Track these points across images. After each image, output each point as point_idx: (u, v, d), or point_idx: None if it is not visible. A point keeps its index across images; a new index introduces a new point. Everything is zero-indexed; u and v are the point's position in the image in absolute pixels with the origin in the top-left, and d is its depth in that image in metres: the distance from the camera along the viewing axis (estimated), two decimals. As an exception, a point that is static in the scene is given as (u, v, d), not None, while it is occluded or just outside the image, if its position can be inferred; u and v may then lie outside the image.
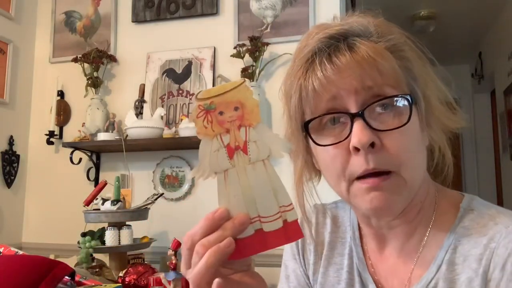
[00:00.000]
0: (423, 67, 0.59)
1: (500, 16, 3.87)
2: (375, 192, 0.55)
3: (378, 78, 0.53)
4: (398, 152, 0.54)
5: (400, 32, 0.59)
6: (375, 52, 0.54)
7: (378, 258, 0.66)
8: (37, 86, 2.49)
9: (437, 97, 0.61)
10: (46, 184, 2.39)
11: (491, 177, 4.67)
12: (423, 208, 0.62)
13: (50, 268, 1.05)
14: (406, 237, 0.63)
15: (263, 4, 2.16)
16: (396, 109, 0.55)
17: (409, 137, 0.55)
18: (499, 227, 0.57)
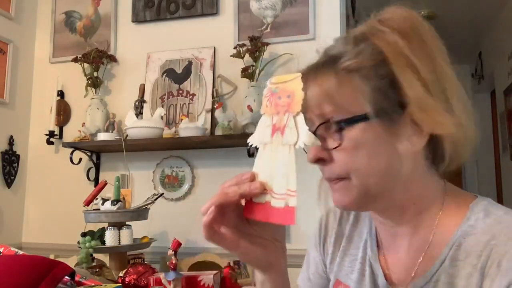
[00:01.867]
0: (410, 72, 0.60)
1: (500, 16, 3.87)
2: (333, 192, 0.66)
3: (327, 106, 0.62)
4: (343, 165, 0.63)
5: (387, 42, 0.62)
6: (323, 83, 0.62)
7: (389, 251, 0.71)
8: (37, 86, 2.49)
9: (439, 98, 0.62)
10: (46, 184, 2.39)
11: (491, 177, 4.67)
12: (424, 207, 0.66)
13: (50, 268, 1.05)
14: (412, 234, 0.67)
15: (263, 4, 2.16)
16: (337, 132, 0.62)
17: (356, 152, 0.62)
18: (502, 226, 0.60)
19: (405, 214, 0.67)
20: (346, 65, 0.62)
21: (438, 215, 0.66)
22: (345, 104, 0.62)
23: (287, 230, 1.99)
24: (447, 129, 0.61)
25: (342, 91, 0.62)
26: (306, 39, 2.08)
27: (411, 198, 0.66)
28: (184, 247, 1.92)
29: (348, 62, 0.62)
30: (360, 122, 0.61)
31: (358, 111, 0.61)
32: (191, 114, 2.16)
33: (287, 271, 0.67)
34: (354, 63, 0.62)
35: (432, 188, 0.67)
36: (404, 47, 0.61)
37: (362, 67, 0.61)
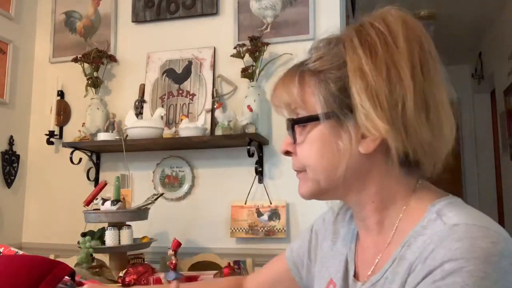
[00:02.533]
0: (365, 81, 0.63)
1: (500, 16, 3.87)
2: (299, 181, 0.74)
3: (291, 106, 0.70)
4: (300, 159, 0.71)
5: (350, 47, 0.65)
6: (288, 84, 0.69)
7: (362, 247, 0.75)
8: (37, 86, 2.49)
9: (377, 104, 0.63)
10: (46, 184, 2.39)
11: (491, 177, 4.67)
12: (384, 208, 0.69)
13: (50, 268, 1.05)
14: (377, 231, 0.71)
15: (263, 4, 2.16)
16: (296, 128, 0.70)
17: (310, 149, 0.69)
18: (442, 228, 0.60)
19: (364, 209, 0.71)
20: (308, 68, 0.69)
21: (399, 216, 0.67)
22: (303, 104, 0.68)
23: (286, 230, 2.00)
24: (377, 135, 0.63)
25: (302, 92, 0.68)
26: (306, 39, 2.08)
27: (369, 196, 0.69)
28: (184, 247, 1.92)
29: (310, 65, 0.68)
30: (311, 122, 0.68)
31: (312, 111, 0.67)
32: (191, 114, 2.16)
33: None
34: (314, 65, 0.68)
35: (395, 188, 0.68)
36: (360, 52, 0.64)
37: (320, 70, 0.67)
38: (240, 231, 2.04)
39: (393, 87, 0.62)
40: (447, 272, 0.54)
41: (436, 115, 0.64)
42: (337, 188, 0.70)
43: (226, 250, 2.05)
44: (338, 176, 0.67)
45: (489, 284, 0.53)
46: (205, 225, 2.13)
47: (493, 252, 0.54)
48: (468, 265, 0.54)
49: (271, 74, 2.12)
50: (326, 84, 0.66)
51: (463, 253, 0.55)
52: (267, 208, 2.02)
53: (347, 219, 0.82)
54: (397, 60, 0.63)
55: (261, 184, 2.07)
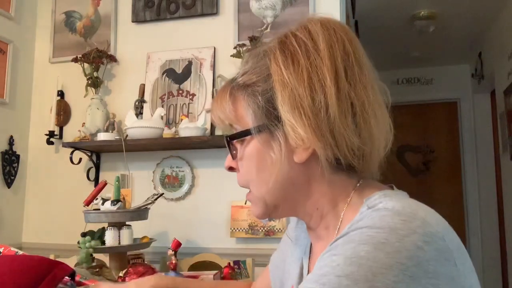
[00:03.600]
0: (287, 92, 0.63)
1: (500, 16, 3.87)
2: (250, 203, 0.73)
3: (226, 122, 0.70)
4: (241, 175, 0.71)
5: (274, 59, 0.66)
6: (221, 101, 0.70)
7: (313, 254, 0.76)
8: (37, 86, 2.49)
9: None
10: (46, 184, 2.39)
11: (491, 177, 4.67)
12: (327, 211, 0.69)
13: (50, 268, 1.05)
14: (326, 236, 0.70)
15: (263, 4, 2.16)
16: (227, 145, 0.70)
17: (248, 163, 0.69)
18: (368, 217, 0.58)
19: (312, 219, 0.70)
20: (236, 83, 0.69)
21: (341, 216, 0.68)
22: (236, 120, 0.69)
23: (285, 229, 1.99)
24: (301, 144, 0.63)
25: (233, 108, 0.69)
26: (306, 39, 2.07)
27: (313, 204, 0.69)
28: (184, 247, 1.92)
29: (238, 80, 0.69)
30: (246, 136, 0.68)
31: (244, 126, 0.68)
32: (191, 114, 2.16)
33: None
34: (241, 80, 0.68)
35: (335, 190, 0.68)
36: (280, 63, 0.64)
37: (248, 84, 0.67)
38: (240, 231, 2.04)
39: (315, 95, 0.62)
40: (349, 236, 0.55)
41: (363, 118, 0.64)
42: (284, 203, 0.69)
43: (226, 250, 2.05)
44: (277, 188, 0.67)
45: (390, 250, 0.51)
46: (205, 225, 2.13)
47: (400, 227, 0.53)
48: (370, 231, 0.54)
49: (271, 74, 2.11)
50: (254, 97, 0.66)
51: (369, 224, 0.55)
52: (267, 208, 2.02)
53: (304, 228, 0.82)
54: (319, 67, 0.63)
55: (261, 184, 2.07)
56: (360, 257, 0.52)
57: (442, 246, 0.54)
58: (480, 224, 4.56)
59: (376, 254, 0.51)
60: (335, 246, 0.56)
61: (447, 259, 0.53)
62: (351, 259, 0.52)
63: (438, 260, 0.52)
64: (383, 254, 0.51)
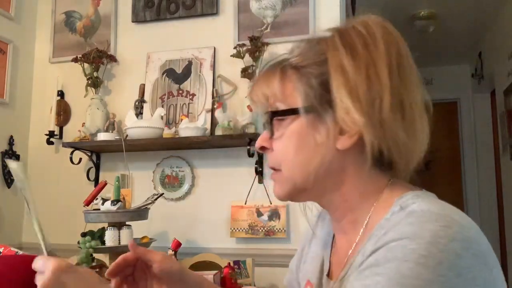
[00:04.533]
0: (345, 77, 0.65)
1: (500, 16, 3.87)
2: (273, 182, 0.73)
3: (270, 99, 0.70)
4: (276, 155, 0.70)
5: (332, 45, 0.67)
6: (269, 77, 0.70)
7: (336, 249, 0.76)
8: (37, 86, 2.49)
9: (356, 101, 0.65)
10: (46, 184, 2.39)
11: (491, 177, 4.67)
12: (356, 205, 0.69)
13: (50, 268, 1.05)
14: (351, 231, 0.71)
15: (263, 4, 2.16)
16: (274, 122, 0.69)
17: (287, 143, 0.68)
18: (400, 219, 0.60)
19: (339, 209, 0.71)
20: (289, 62, 0.70)
21: (369, 213, 0.68)
22: (284, 98, 0.68)
23: (286, 230, 2.00)
24: (356, 129, 0.64)
25: (283, 86, 0.68)
26: (306, 39, 2.07)
27: (342, 195, 0.69)
28: (184, 247, 1.93)
29: (292, 60, 0.70)
30: (290, 115, 0.68)
31: (292, 105, 0.68)
32: (191, 114, 2.16)
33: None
34: (296, 60, 0.69)
35: (367, 186, 0.69)
36: (341, 50, 0.66)
37: (302, 65, 0.68)
38: (240, 231, 2.04)
39: (371, 85, 0.64)
40: (390, 249, 0.55)
41: (410, 116, 0.66)
42: (313, 187, 0.69)
43: (226, 250, 2.05)
44: (312, 172, 0.67)
45: (430, 264, 0.52)
46: (205, 225, 2.13)
47: (441, 234, 0.54)
48: (412, 243, 0.54)
49: (271, 74, 2.11)
50: (307, 78, 0.67)
51: (410, 233, 0.55)
52: (267, 208, 2.02)
53: (326, 222, 0.83)
54: (376, 60, 0.65)
55: (261, 184, 2.07)
56: (404, 276, 0.53)
57: (478, 251, 0.55)
58: (480, 224, 4.53)
59: (418, 270, 0.52)
60: (376, 262, 0.56)
61: (484, 264, 0.55)
62: (395, 280, 0.53)
63: (476, 266, 0.54)
64: (425, 269, 0.52)
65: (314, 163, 0.67)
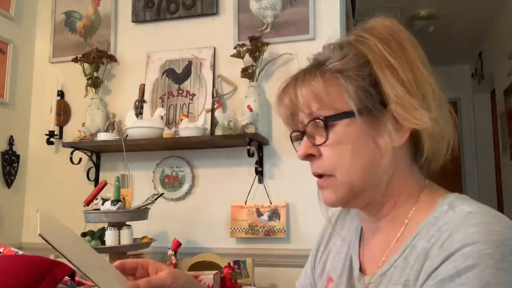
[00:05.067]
0: (390, 73, 0.66)
1: (500, 16, 3.87)
2: (321, 190, 0.72)
3: (314, 105, 0.68)
4: (329, 160, 0.68)
5: (369, 46, 0.68)
6: (310, 82, 0.68)
7: (368, 246, 0.76)
8: (37, 86, 2.49)
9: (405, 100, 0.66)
10: (46, 184, 2.39)
11: (491, 177, 4.67)
12: (400, 202, 0.70)
13: (50, 268, 1.05)
14: (389, 229, 0.71)
15: (263, 4, 2.16)
16: (323, 128, 0.68)
17: (342, 147, 0.67)
18: (456, 215, 0.62)
19: (383, 208, 0.71)
20: (331, 67, 0.68)
21: (411, 210, 0.69)
22: (331, 102, 0.67)
23: (286, 230, 2.00)
24: (424, 124, 0.65)
25: (327, 90, 0.67)
26: (306, 39, 2.08)
27: (391, 193, 0.70)
28: (184, 247, 1.93)
29: (333, 64, 0.68)
30: (344, 119, 0.67)
31: (342, 108, 0.67)
32: (191, 114, 2.15)
33: None
34: (338, 65, 0.68)
35: (410, 185, 0.70)
36: (384, 51, 0.66)
37: (346, 69, 0.67)
38: (240, 231, 2.04)
39: (418, 80, 0.66)
40: (467, 255, 0.56)
41: (444, 112, 0.68)
42: (371, 189, 0.69)
43: (226, 250, 2.05)
44: (371, 172, 0.67)
45: (506, 267, 0.55)
46: (205, 225, 2.13)
47: (507, 236, 0.57)
48: (486, 248, 0.56)
49: (271, 74, 2.12)
50: (355, 81, 0.66)
51: (481, 237, 0.57)
52: (267, 208, 2.02)
53: (347, 222, 0.84)
54: (412, 57, 0.67)
55: (261, 184, 2.07)
56: (488, 283, 0.55)
57: None
58: (480, 224, 4.56)
59: (498, 275, 0.55)
60: (457, 273, 0.56)
61: None
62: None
63: None
64: (504, 273, 0.55)
65: (373, 164, 0.67)
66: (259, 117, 2.02)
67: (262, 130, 2.02)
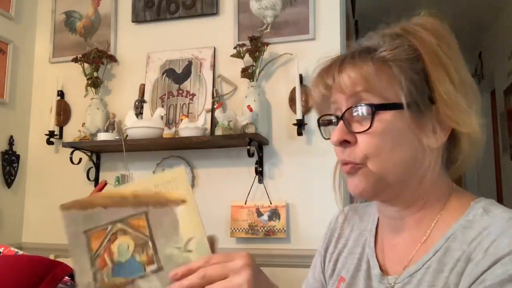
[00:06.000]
0: (442, 70, 0.65)
1: (500, 16, 3.88)
2: (350, 177, 0.68)
3: (362, 90, 0.65)
4: (364, 149, 0.65)
5: (422, 40, 0.67)
6: (362, 67, 0.66)
7: (390, 246, 0.74)
8: (37, 86, 2.49)
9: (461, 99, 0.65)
10: (46, 184, 2.39)
11: (491, 177, 4.67)
12: (429, 203, 0.69)
13: (50, 268, 1.05)
14: (414, 228, 0.70)
15: (263, 4, 2.16)
16: (369, 115, 0.65)
17: (383, 137, 0.65)
18: (497, 220, 0.62)
19: (411, 207, 0.70)
20: (384, 55, 0.66)
21: (439, 213, 0.68)
22: (381, 90, 0.65)
23: (286, 230, 2.00)
24: (470, 127, 0.64)
25: (379, 78, 0.65)
26: (306, 39, 2.08)
27: (421, 193, 0.68)
28: (184, 247, 1.92)
29: (386, 52, 0.66)
30: (392, 110, 0.64)
31: (392, 99, 0.65)
32: (191, 114, 2.16)
33: None
34: (391, 54, 0.66)
35: (440, 186, 0.69)
36: (437, 48, 0.65)
37: (398, 59, 0.65)
38: (240, 231, 2.04)
39: (466, 84, 0.66)
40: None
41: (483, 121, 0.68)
42: (402, 184, 0.67)
43: (226, 250, 2.04)
44: (406, 168, 0.66)
45: None
46: (205, 225, 2.12)
47: None
48: None
49: (271, 74, 2.12)
50: (408, 74, 0.65)
51: None
52: (267, 208, 2.02)
53: (356, 222, 0.83)
54: (459, 60, 0.67)
55: (261, 184, 2.07)
56: None
57: None
58: (480, 224, 4.56)
59: None
60: (508, 277, 0.55)
61: None
62: None
63: None
64: None
65: (411, 160, 0.66)
66: (259, 117, 2.02)
67: (262, 130, 2.02)
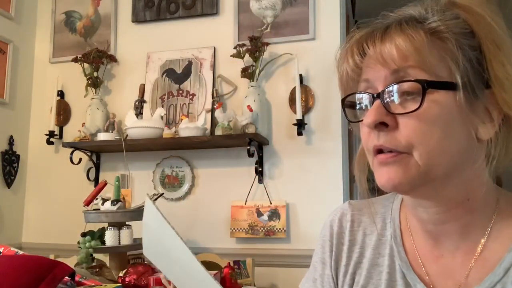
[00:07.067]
0: (500, 51, 0.55)
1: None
2: (384, 167, 0.56)
3: (412, 62, 0.54)
4: (409, 135, 0.54)
5: (477, 14, 0.57)
6: (418, 40, 0.54)
7: (429, 257, 0.63)
8: (37, 86, 2.49)
9: None
10: (46, 184, 2.39)
11: (491, 177, 4.67)
12: (476, 206, 0.59)
13: (50, 268, 1.05)
14: (461, 236, 0.60)
15: (263, 4, 2.16)
16: (418, 93, 0.54)
17: (433, 122, 0.54)
18: None
19: (455, 209, 0.59)
20: (435, 26, 0.55)
21: (492, 218, 0.59)
22: (433, 65, 0.54)
23: (286, 230, 1.99)
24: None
25: (432, 51, 0.54)
26: (306, 39, 2.08)
27: (467, 193, 0.58)
28: (184, 247, 1.92)
29: (437, 23, 0.55)
30: (446, 90, 0.54)
31: (445, 77, 0.54)
32: (191, 114, 2.16)
33: None
34: (444, 25, 0.55)
35: (487, 187, 0.59)
36: (494, 25, 0.56)
37: (452, 32, 0.55)
38: (240, 231, 2.04)
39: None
40: None
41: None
42: (448, 178, 0.56)
43: (226, 250, 2.05)
44: (459, 164, 0.55)
45: None
46: (205, 225, 2.13)
47: None
48: None
49: (271, 74, 2.12)
50: (464, 50, 0.54)
51: None
52: (267, 208, 2.02)
53: (365, 225, 0.70)
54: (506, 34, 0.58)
55: (261, 184, 2.07)
56: None
57: None
58: (480, 224, 4.56)
59: None
60: None
61: None
62: None
63: None
64: None
65: (463, 152, 0.55)
66: (259, 117, 2.02)
67: (262, 130, 2.02)
